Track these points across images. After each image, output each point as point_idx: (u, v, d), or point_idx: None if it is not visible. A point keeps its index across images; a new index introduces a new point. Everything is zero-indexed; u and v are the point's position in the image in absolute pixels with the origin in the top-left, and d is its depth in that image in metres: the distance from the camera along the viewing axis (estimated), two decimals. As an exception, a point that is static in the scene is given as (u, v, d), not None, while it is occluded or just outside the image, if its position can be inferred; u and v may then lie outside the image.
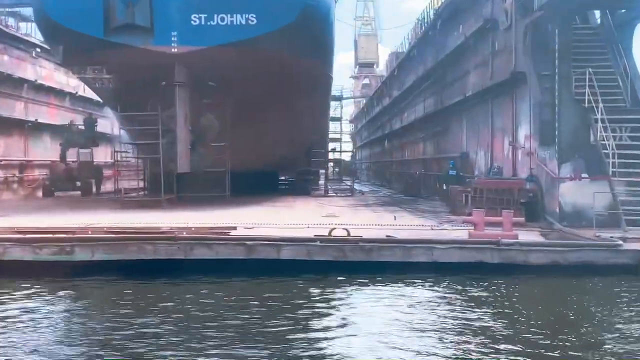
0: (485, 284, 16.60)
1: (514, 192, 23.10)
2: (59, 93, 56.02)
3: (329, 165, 55.36)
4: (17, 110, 48.26)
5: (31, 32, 51.22)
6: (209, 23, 31.16)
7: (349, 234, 18.10)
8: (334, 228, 18.62)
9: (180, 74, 32.05)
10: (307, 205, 34.07)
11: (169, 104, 32.89)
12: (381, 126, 79.82)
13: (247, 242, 17.55)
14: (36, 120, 50.71)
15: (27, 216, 27.13)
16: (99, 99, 66.91)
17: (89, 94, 63.04)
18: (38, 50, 50.96)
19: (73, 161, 51.95)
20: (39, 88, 51.67)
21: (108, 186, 60.51)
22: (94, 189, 50.67)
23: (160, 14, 31.11)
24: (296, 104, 39.13)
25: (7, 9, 43.11)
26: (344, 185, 54.45)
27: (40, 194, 49.86)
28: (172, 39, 31.14)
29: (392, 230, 20.40)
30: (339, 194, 46.99)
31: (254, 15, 31.06)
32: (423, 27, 50.85)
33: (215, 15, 31.11)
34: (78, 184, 49.33)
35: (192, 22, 31.14)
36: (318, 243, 17.50)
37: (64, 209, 31.86)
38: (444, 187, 37.25)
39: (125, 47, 31.19)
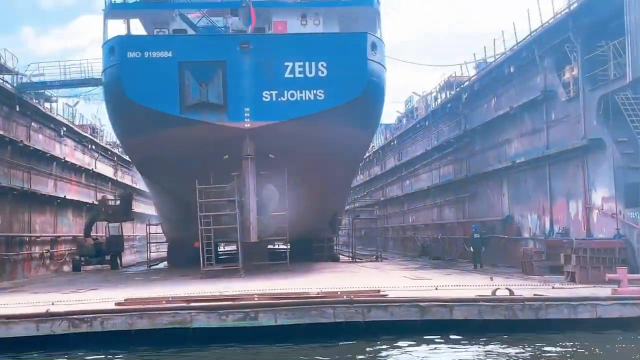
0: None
1: (615, 251, 23.72)
2: (79, 170, 55.60)
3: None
4: (49, 187, 47.69)
5: (56, 110, 50.94)
6: (279, 99, 31.65)
7: (512, 293, 18.43)
8: (498, 288, 18.93)
9: (250, 147, 32.24)
10: (369, 271, 34.28)
11: (235, 176, 33.07)
12: (368, 193, 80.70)
13: (421, 304, 17.72)
14: (64, 196, 50.13)
15: (117, 290, 26.54)
16: (111, 175, 67.35)
17: (101, 170, 63.32)
18: (64, 129, 50.84)
19: (99, 235, 51.59)
20: (64, 166, 51.24)
21: (128, 258, 60.18)
22: (120, 263, 50.13)
23: (234, 91, 31.50)
24: (338, 172, 39.68)
25: (34, 91, 42.46)
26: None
27: (65, 268, 49.25)
28: (245, 115, 31.49)
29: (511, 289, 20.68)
30: (364, 259, 47.27)
31: (322, 91, 31.70)
32: (434, 103, 52.30)
33: (286, 92, 31.65)
34: (107, 257, 48.62)
35: (264, 98, 31.59)
36: (490, 303, 17.73)
37: (143, 283, 31.44)
38: (471, 250, 38.30)
39: (201, 123, 31.46)
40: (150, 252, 50.23)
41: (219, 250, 55.32)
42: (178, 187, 37.65)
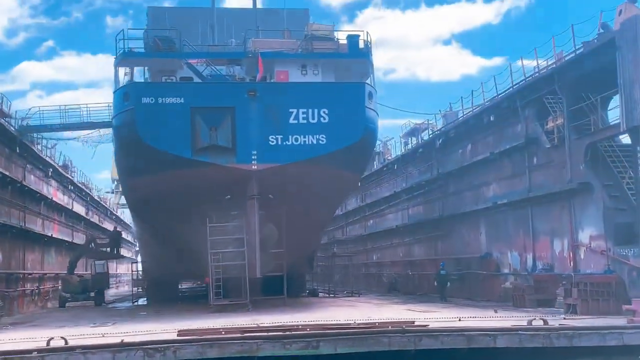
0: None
1: (612, 284, 24.80)
2: (60, 209, 54.80)
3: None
4: (38, 225, 46.88)
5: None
6: (284, 143, 32.15)
7: (546, 323, 19.18)
8: (534, 319, 19.66)
9: (255, 188, 32.52)
10: (367, 305, 34.72)
11: (239, 215, 33.26)
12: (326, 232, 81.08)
13: (466, 332, 18.31)
14: (51, 235, 49.33)
15: (143, 324, 26.25)
16: (84, 214, 66.34)
17: (76, 209, 62.37)
18: (51, 170, 50.20)
19: (84, 273, 50.75)
20: (49, 205, 50.47)
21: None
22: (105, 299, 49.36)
23: (242, 135, 31.87)
24: (323, 211, 40.27)
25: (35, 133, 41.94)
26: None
27: (49, 305, 48.34)
28: (253, 157, 31.85)
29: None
30: (339, 295, 47.69)
31: (324, 136, 32.36)
32: (403, 148, 53.59)
33: (290, 136, 32.19)
34: (91, 294, 47.80)
35: (270, 142, 32.04)
36: (530, 332, 18.45)
37: (157, 317, 31.12)
38: (435, 284, 39.74)
39: (211, 165, 31.69)
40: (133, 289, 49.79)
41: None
42: (174, 226, 37.60)
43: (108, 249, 48.07)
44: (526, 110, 32.75)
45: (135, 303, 48.19)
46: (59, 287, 49.29)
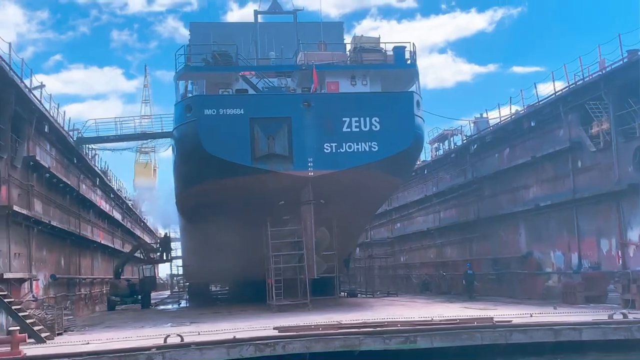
0: None
1: (666, 280, 25.24)
2: (104, 216, 55.37)
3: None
4: (88, 232, 47.42)
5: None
6: (338, 150, 32.67)
7: (626, 317, 19.65)
8: (614, 313, 20.13)
9: (311, 193, 33.02)
10: (419, 304, 35.07)
11: (291, 220, 33.77)
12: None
13: (555, 327, 18.78)
14: (100, 241, 49.87)
15: (222, 323, 26.59)
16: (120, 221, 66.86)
17: (116, 217, 62.94)
18: (98, 180, 50.78)
19: (130, 277, 51.24)
20: (96, 213, 51.05)
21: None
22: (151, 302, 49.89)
23: (298, 144, 32.42)
24: (365, 214, 40.83)
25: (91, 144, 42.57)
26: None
27: (97, 308, 48.83)
28: (309, 164, 32.39)
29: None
30: (380, 296, 48.08)
31: (376, 143, 32.88)
32: (434, 154, 54.02)
33: (344, 144, 32.71)
34: (138, 297, 48.36)
35: (325, 150, 32.57)
36: (612, 326, 18.92)
37: (229, 317, 31.46)
38: (464, 283, 41.14)
39: (269, 172, 32.23)
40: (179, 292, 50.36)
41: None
42: (228, 231, 38.07)
43: (157, 254, 48.44)
44: (569, 115, 33.17)
45: (180, 305, 48.81)
46: (107, 291, 49.84)
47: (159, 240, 49.83)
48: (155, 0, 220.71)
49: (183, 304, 51.97)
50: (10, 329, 18.90)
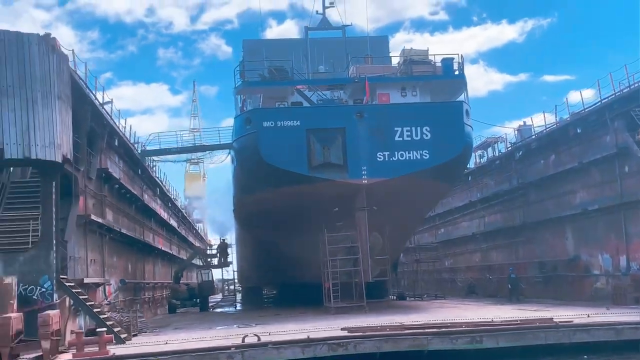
0: None
1: None
2: (163, 224, 56.31)
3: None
4: (150, 239, 48.30)
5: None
6: (391, 159, 32.96)
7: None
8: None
9: (365, 200, 33.30)
10: (473, 307, 34.98)
11: (344, 226, 34.05)
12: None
13: (616, 326, 18.76)
14: (161, 248, 50.77)
15: (273, 326, 26.78)
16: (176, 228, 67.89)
17: (173, 224, 63.90)
18: (158, 189, 51.73)
19: (189, 282, 52.00)
20: (157, 221, 51.96)
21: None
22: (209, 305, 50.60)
23: (353, 153, 32.79)
24: (414, 220, 40.97)
25: (155, 156, 43.45)
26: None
27: (158, 311, 49.59)
28: (363, 172, 32.72)
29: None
30: (424, 299, 47.99)
31: (427, 152, 33.08)
32: (476, 162, 53.79)
33: (396, 153, 32.99)
34: (197, 300, 49.08)
35: (378, 158, 32.90)
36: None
37: (290, 319, 31.77)
38: (509, 287, 40.93)
39: (325, 180, 32.62)
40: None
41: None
42: (283, 236, 38.61)
43: (215, 260, 49.18)
44: (615, 122, 32.92)
45: (237, 308, 49.43)
46: (167, 295, 50.70)
47: (216, 246, 50.39)
48: (199, 19, 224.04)
49: (238, 306, 52.66)
50: (98, 330, 19.52)
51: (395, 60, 39.48)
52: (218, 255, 48.79)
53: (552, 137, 39.53)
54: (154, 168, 50.99)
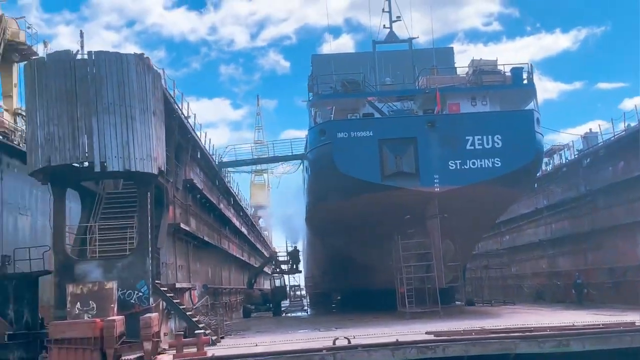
0: None
1: None
2: (236, 232, 57.18)
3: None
4: (225, 246, 49.12)
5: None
6: (463, 167, 32.78)
7: None
8: None
9: (437, 208, 33.17)
10: (547, 312, 34.34)
11: (416, 233, 33.99)
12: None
13: None
14: (236, 255, 51.57)
15: (355, 329, 26.81)
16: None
17: (244, 231, 64.74)
18: (232, 199, 52.56)
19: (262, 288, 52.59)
20: (231, 228, 52.79)
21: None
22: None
23: (424, 162, 32.74)
24: (483, 226, 40.64)
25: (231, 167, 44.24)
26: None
27: (234, 315, 50.21)
28: (435, 181, 32.62)
29: None
30: (493, 304, 47.24)
31: (499, 160, 32.78)
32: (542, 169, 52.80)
33: (468, 161, 32.78)
34: (270, 305, 49.56)
35: (450, 167, 32.76)
36: None
37: (361, 323, 31.88)
38: (573, 292, 40.86)
39: (398, 188, 32.65)
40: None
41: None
42: (355, 243, 38.79)
43: (287, 266, 49.73)
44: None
45: (307, 313, 49.73)
46: (241, 300, 51.42)
47: (286, 254, 50.99)
48: (258, 36, 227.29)
49: (309, 312, 52.96)
50: (196, 332, 20.00)
51: (460, 71, 39.34)
52: (290, 262, 49.20)
53: (621, 143, 38.57)
54: (228, 179, 51.97)
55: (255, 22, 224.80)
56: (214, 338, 23.40)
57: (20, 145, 32.22)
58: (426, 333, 20.27)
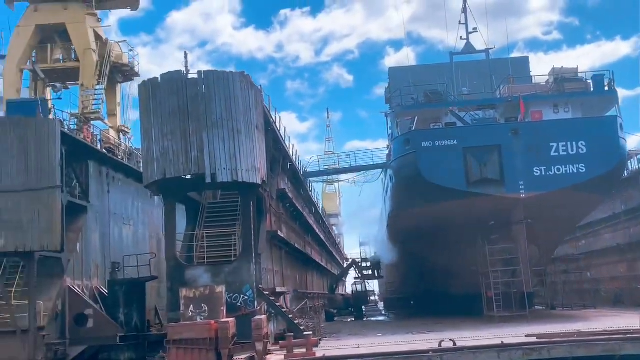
0: None
1: None
2: (317, 239, 57.65)
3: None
4: (308, 252, 49.55)
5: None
6: (547, 173, 32.27)
7: None
8: None
9: (522, 214, 32.71)
10: (626, 316, 33.35)
11: (499, 239, 33.54)
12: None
13: None
14: (317, 261, 52.02)
15: (452, 332, 26.62)
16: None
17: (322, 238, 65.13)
18: (314, 207, 53.04)
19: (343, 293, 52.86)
20: (312, 235, 53.27)
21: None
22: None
23: (509, 169, 32.37)
24: (564, 231, 39.83)
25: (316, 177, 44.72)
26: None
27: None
28: (520, 187, 32.21)
29: None
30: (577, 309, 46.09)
31: (583, 165, 32.13)
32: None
33: (553, 167, 32.26)
34: (351, 309, 49.72)
35: (535, 173, 32.30)
36: None
37: (451, 327, 31.58)
38: None
39: (483, 195, 32.38)
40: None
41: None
42: (437, 248, 38.58)
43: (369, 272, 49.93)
44: None
45: (388, 317, 49.66)
46: (324, 304, 51.80)
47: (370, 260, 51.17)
48: (322, 52, 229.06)
49: (389, 316, 52.81)
50: (306, 333, 20.37)
51: (536, 80, 38.88)
52: (371, 268, 49.37)
53: None
54: (310, 188, 52.59)
55: (320, 39, 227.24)
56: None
57: (124, 159, 33.58)
58: (526, 336, 20.03)
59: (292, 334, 20.35)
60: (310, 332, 20.79)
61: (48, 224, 23.35)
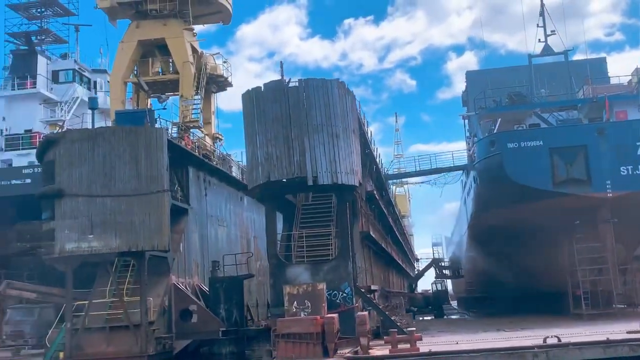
0: None
1: None
2: (394, 238, 57.38)
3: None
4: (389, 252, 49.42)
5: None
6: (635, 172, 31.28)
7: None
8: None
9: (609, 213, 31.81)
10: None
11: (584, 237, 32.67)
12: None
13: None
14: (397, 260, 51.85)
15: (535, 330, 26.11)
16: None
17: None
18: (391, 208, 52.90)
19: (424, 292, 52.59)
20: (392, 236, 53.11)
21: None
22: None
23: (596, 168, 31.55)
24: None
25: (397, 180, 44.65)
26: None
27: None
28: (607, 186, 31.34)
29: None
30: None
31: (673, 165, 31.00)
32: None
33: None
34: (430, 308, 49.36)
35: (622, 172, 31.36)
36: None
37: (540, 324, 30.99)
38: None
39: (569, 195, 31.66)
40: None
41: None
42: (519, 247, 37.89)
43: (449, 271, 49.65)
44: None
45: (467, 315, 49.04)
46: (405, 302, 51.63)
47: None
48: (385, 59, 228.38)
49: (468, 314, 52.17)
50: (410, 329, 20.44)
51: (614, 80, 37.96)
52: (451, 268, 49.02)
53: None
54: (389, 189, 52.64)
55: (383, 46, 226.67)
56: (410, 336, 23.72)
57: (218, 165, 34.54)
58: (627, 332, 19.52)
59: (395, 329, 20.40)
60: (414, 328, 20.82)
61: (157, 225, 24.25)
